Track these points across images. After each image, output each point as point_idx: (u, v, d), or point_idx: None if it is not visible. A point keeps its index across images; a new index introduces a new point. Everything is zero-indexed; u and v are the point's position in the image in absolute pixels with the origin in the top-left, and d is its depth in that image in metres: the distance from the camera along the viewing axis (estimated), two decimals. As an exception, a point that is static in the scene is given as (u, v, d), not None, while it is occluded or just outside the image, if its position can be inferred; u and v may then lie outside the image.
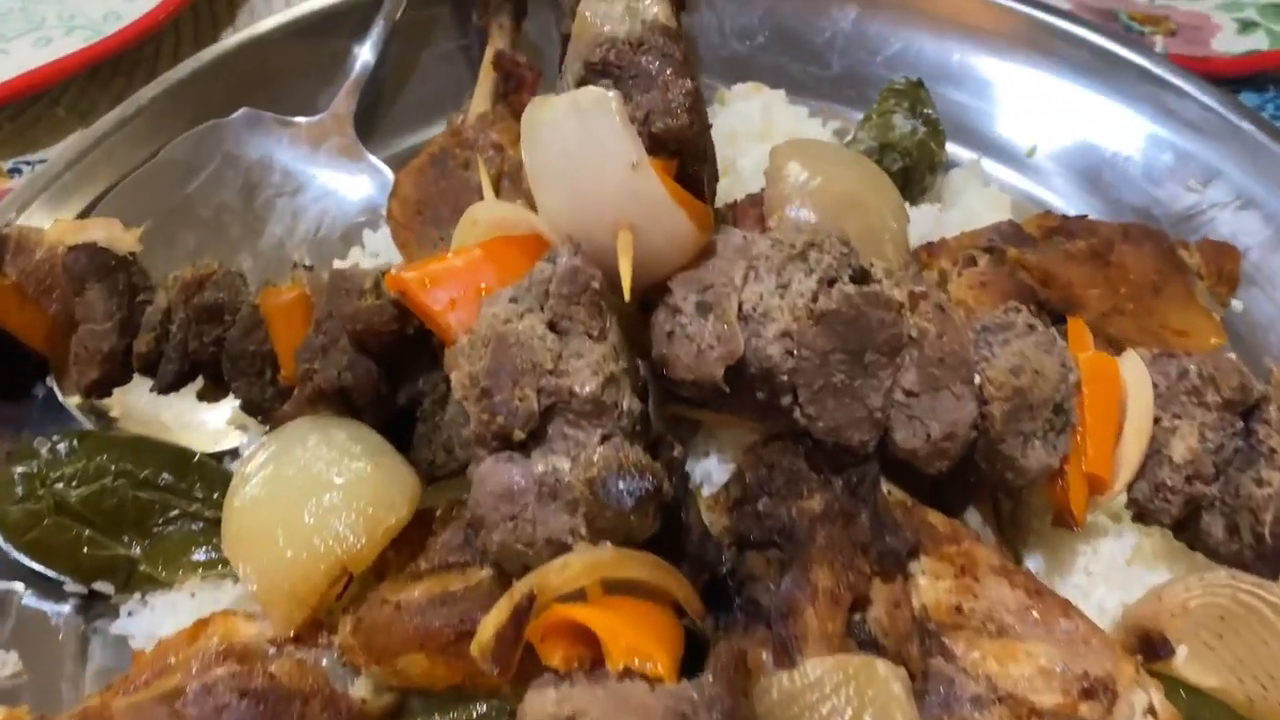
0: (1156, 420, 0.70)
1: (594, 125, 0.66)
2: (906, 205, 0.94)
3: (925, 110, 1.06)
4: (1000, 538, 0.77)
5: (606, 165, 0.66)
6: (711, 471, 0.79)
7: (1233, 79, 1.22)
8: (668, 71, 0.72)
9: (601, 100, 0.65)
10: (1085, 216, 0.92)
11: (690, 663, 0.61)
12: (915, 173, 0.98)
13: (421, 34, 1.12)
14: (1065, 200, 1.06)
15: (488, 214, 0.71)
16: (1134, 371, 0.71)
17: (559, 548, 0.62)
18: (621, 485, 0.61)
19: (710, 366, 0.69)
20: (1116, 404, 0.70)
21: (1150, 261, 0.86)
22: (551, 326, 0.66)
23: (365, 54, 1.07)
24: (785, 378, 0.70)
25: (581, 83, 0.73)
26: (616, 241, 0.67)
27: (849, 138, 1.04)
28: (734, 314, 0.70)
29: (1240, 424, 0.70)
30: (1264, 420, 0.69)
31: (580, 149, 0.66)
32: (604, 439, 0.64)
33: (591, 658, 0.60)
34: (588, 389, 0.63)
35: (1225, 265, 0.91)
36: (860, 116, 1.07)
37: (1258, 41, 1.24)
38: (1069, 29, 1.11)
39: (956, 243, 0.88)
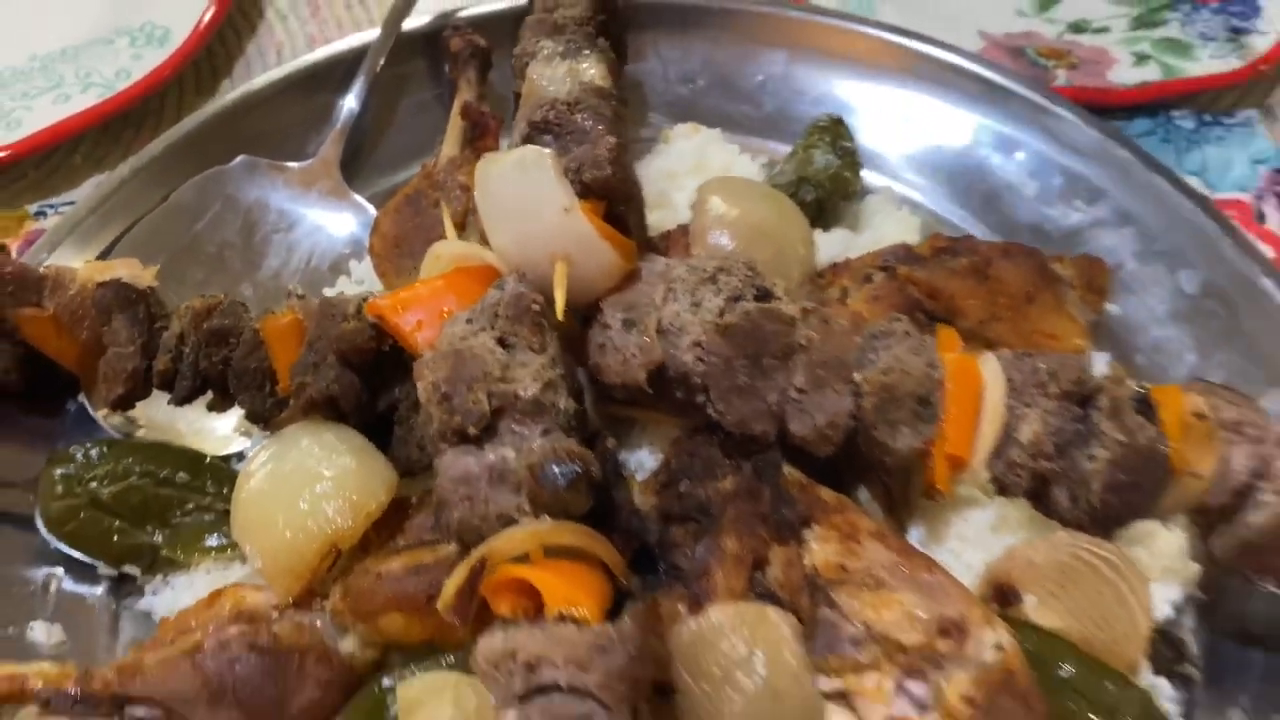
0: (1009, 409, 0.84)
1: (534, 177, 0.80)
2: (820, 231, 1.10)
3: (844, 144, 1.20)
4: (887, 512, 0.91)
5: (544, 209, 0.80)
6: (644, 461, 0.93)
7: (1128, 106, 1.37)
8: (599, 128, 0.86)
9: (540, 157, 0.80)
10: (971, 237, 1.06)
11: (616, 615, 0.75)
12: (829, 202, 1.12)
13: (399, 86, 1.26)
14: (967, 220, 1.20)
15: (448, 250, 0.85)
16: (991, 369, 0.85)
17: (507, 521, 0.76)
18: (557, 469, 0.75)
19: (634, 372, 0.84)
20: (975, 397, 0.84)
21: (1025, 275, 1.00)
22: (500, 342, 0.80)
23: (350, 104, 1.21)
24: (698, 380, 0.84)
25: (527, 138, 0.88)
26: (554, 271, 0.81)
27: (775, 170, 1.19)
28: (654, 328, 0.84)
29: (1078, 411, 0.84)
30: (1097, 408, 0.83)
31: (523, 196, 0.81)
32: (544, 433, 0.78)
33: (533, 608, 0.74)
34: (530, 392, 0.77)
35: (1095, 277, 1.05)
36: (788, 150, 1.22)
37: (1151, 73, 1.38)
38: (972, 68, 1.25)
39: (858, 263, 1.02)
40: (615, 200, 0.85)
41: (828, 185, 1.12)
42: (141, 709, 0.79)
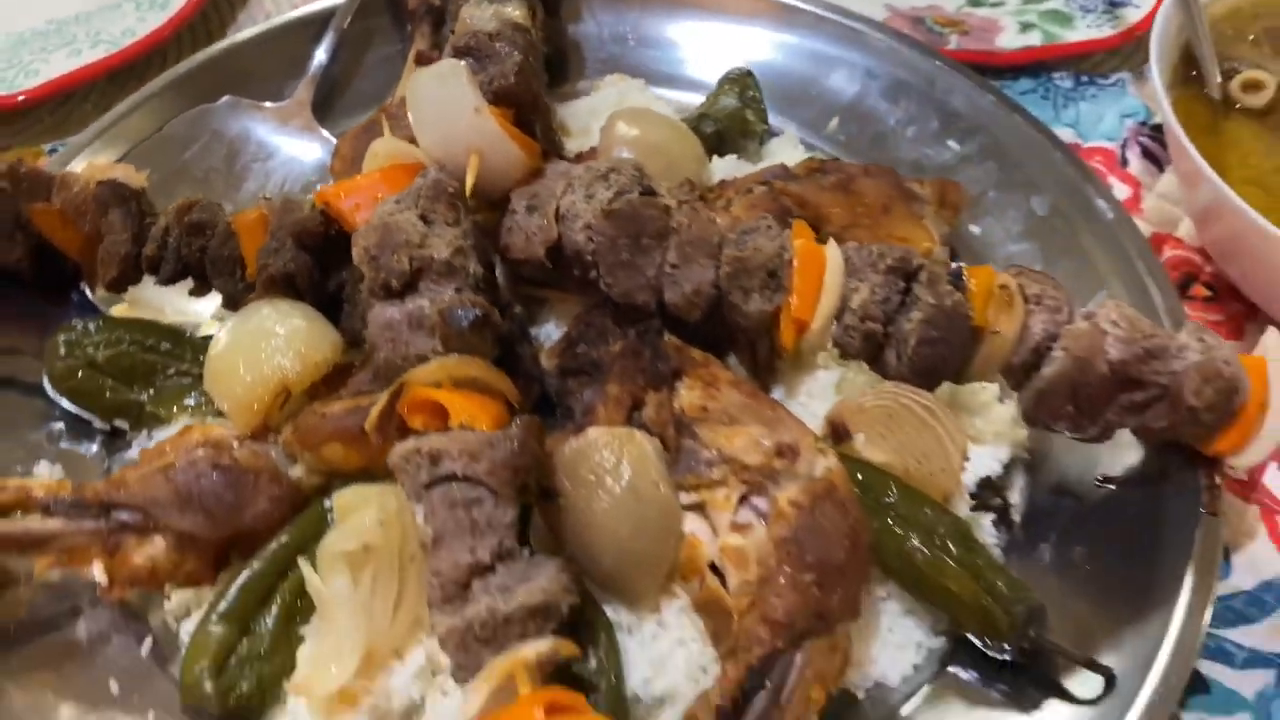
0: (846, 283, 1.01)
1: (450, 84, 0.98)
2: (717, 158, 1.28)
3: (750, 93, 1.38)
4: (752, 375, 1.08)
5: (459, 111, 0.98)
6: (551, 333, 1.11)
7: (1013, 68, 1.55)
8: (511, 52, 1.04)
9: (455, 67, 0.98)
10: (839, 160, 1.23)
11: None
12: (727, 135, 1.29)
13: (365, 40, 1.45)
14: (856, 158, 1.37)
15: (384, 148, 1.03)
16: (833, 252, 1.02)
17: (422, 359, 0.93)
18: (461, 313, 0.92)
19: (535, 249, 1.01)
20: (819, 273, 1.01)
21: (882, 189, 1.17)
22: (422, 218, 0.97)
23: (320, 55, 1.40)
24: (589, 257, 1.02)
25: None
26: (468, 163, 0.99)
27: (687, 113, 1.36)
28: (553, 213, 1.01)
29: (903, 284, 1.00)
30: (919, 281, 1.00)
31: (441, 100, 0.99)
32: (456, 290, 0.95)
33: (440, 424, 0.91)
34: (443, 255, 0.95)
35: (948, 195, 1.22)
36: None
37: (1033, 39, 1.55)
38: (868, 31, 1.43)
39: (743, 180, 1.19)
40: (522, 109, 1.03)
41: (725, 121, 1.30)
42: (125, 513, 0.96)
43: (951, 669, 0.97)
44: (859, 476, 0.97)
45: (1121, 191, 1.41)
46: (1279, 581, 1.07)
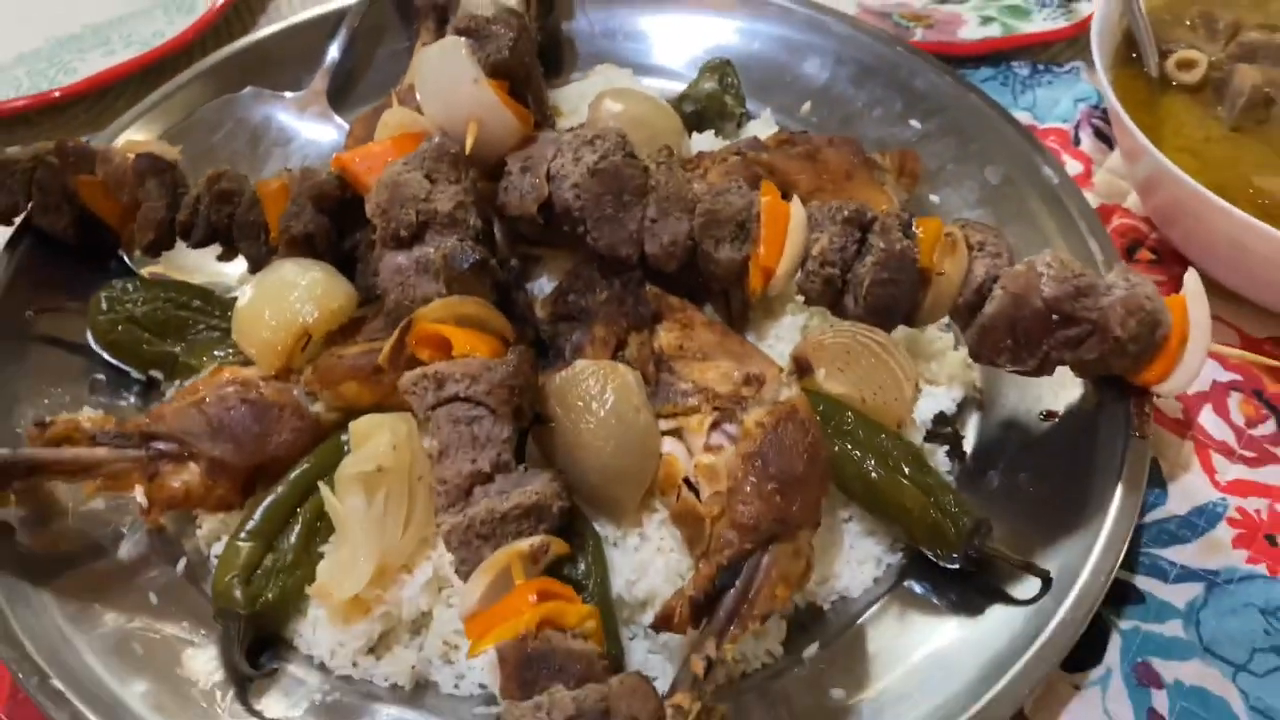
0: (808, 235, 1.12)
1: (450, 58, 1.10)
2: (696, 133, 1.40)
3: (729, 79, 1.50)
4: (727, 322, 1.19)
5: (459, 82, 1.10)
6: (544, 287, 1.22)
7: (974, 57, 1.67)
8: (503, 31, 1.16)
9: (455, 42, 1.10)
10: (807, 133, 1.35)
11: (509, 369, 1.03)
12: (706, 115, 1.42)
13: (376, 36, 1.58)
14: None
15: (394, 118, 1.15)
16: (796, 207, 1.13)
17: (428, 300, 1.04)
18: (462, 257, 1.03)
19: (528, 205, 1.13)
20: (783, 227, 1.12)
21: (845, 158, 1.29)
22: (427, 177, 1.09)
23: (335, 50, 1.53)
24: (577, 213, 1.13)
25: (453, 40, 1.18)
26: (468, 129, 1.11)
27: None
28: (544, 174, 1.13)
29: (859, 235, 1.11)
30: (873, 231, 1.11)
31: (442, 73, 1.11)
32: (458, 239, 1.07)
33: (444, 356, 1.02)
34: (446, 208, 1.06)
35: (907, 164, 1.33)
36: (686, 88, 1.52)
37: (993, 31, 1.67)
38: (837, 25, 1.55)
39: (719, 152, 1.30)
40: (516, 81, 1.15)
41: (704, 102, 1.42)
42: (162, 443, 1.07)
43: (907, 582, 1.08)
44: (820, 406, 1.08)
45: (1074, 168, 1.53)
46: (1209, 507, 1.17)
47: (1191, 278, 1.09)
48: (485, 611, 0.90)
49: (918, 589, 1.07)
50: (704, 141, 1.37)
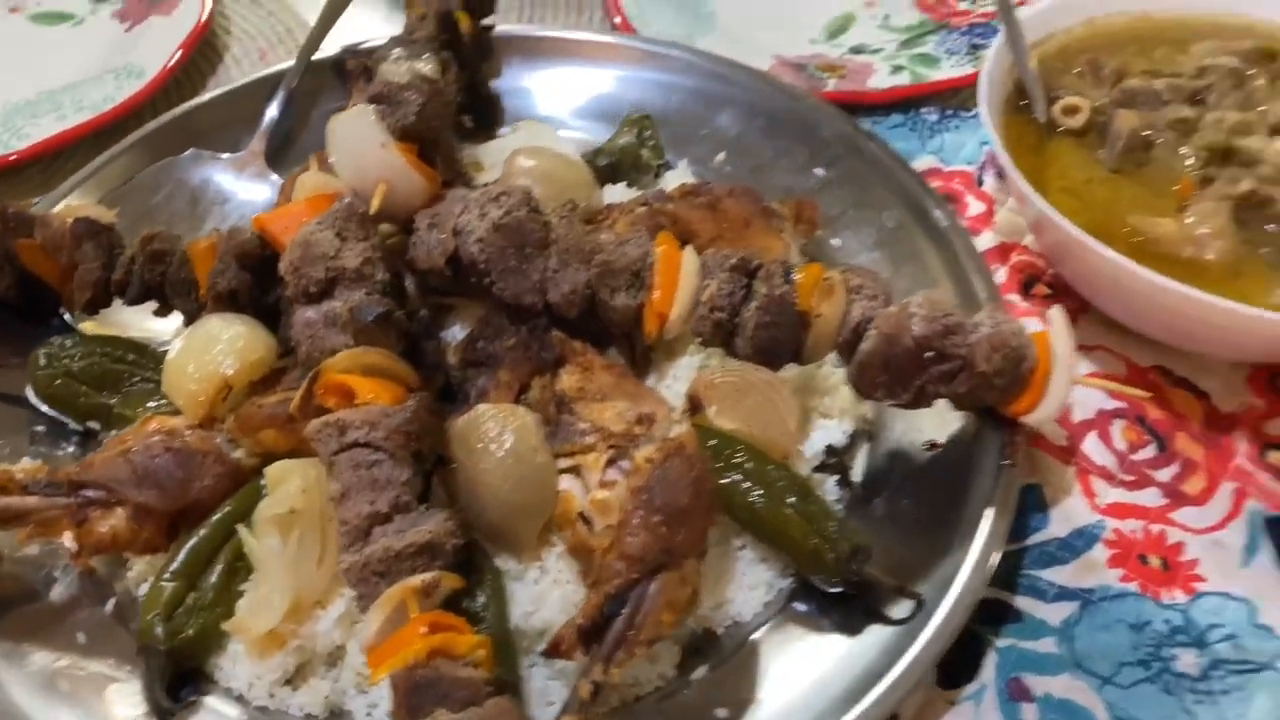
0: (699, 282, 1.20)
1: (360, 123, 1.19)
2: (610, 185, 1.48)
3: (646, 133, 1.58)
4: (629, 364, 1.27)
5: (367, 146, 1.18)
6: (457, 334, 1.29)
7: (883, 105, 1.75)
8: (413, 97, 1.24)
9: (364, 109, 1.19)
10: (710, 183, 1.43)
11: (414, 414, 1.10)
12: (620, 167, 1.50)
13: (311, 98, 1.66)
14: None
15: (310, 180, 1.23)
16: (689, 257, 1.20)
17: (336, 352, 1.12)
18: (367, 310, 1.11)
19: (436, 259, 1.20)
20: (677, 274, 1.20)
21: (744, 207, 1.36)
22: (338, 236, 1.17)
23: (272, 111, 1.62)
24: (483, 266, 1.20)
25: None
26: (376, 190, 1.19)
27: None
28: (450, 229, 1.20)
29: (745, 281, 1.19)
30: (757, 278, 1.19)
31: (353, 138, 1.19)
32: (365, 293, 1.14)
33: (350, 403, 1.09)
34: (354, 265, 1.14)
35: (804, 212, 1.41)
36: (605, 142, 1.60)
37: (903, 79, 1.76)
38: (750, 80, 1.64)
39: (628, 203, 1.38)
40: (425, 143, 1.23)
41: (618, 156, 1.50)
42: (91, 491, 1.14)
43: (795, 605, 1.14)
44: (712, 441, 1.15)
45: (977, 208, 1.61)
46: (1087, 529, 1.24)
47: (1055, 314, 1.16)
48: (382, 643, 0.97)
49: (803, 610, 1.13)
50: (617, 193, 1.45)
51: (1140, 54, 1.59)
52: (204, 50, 1.95)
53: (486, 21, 1.64)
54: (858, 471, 1.25)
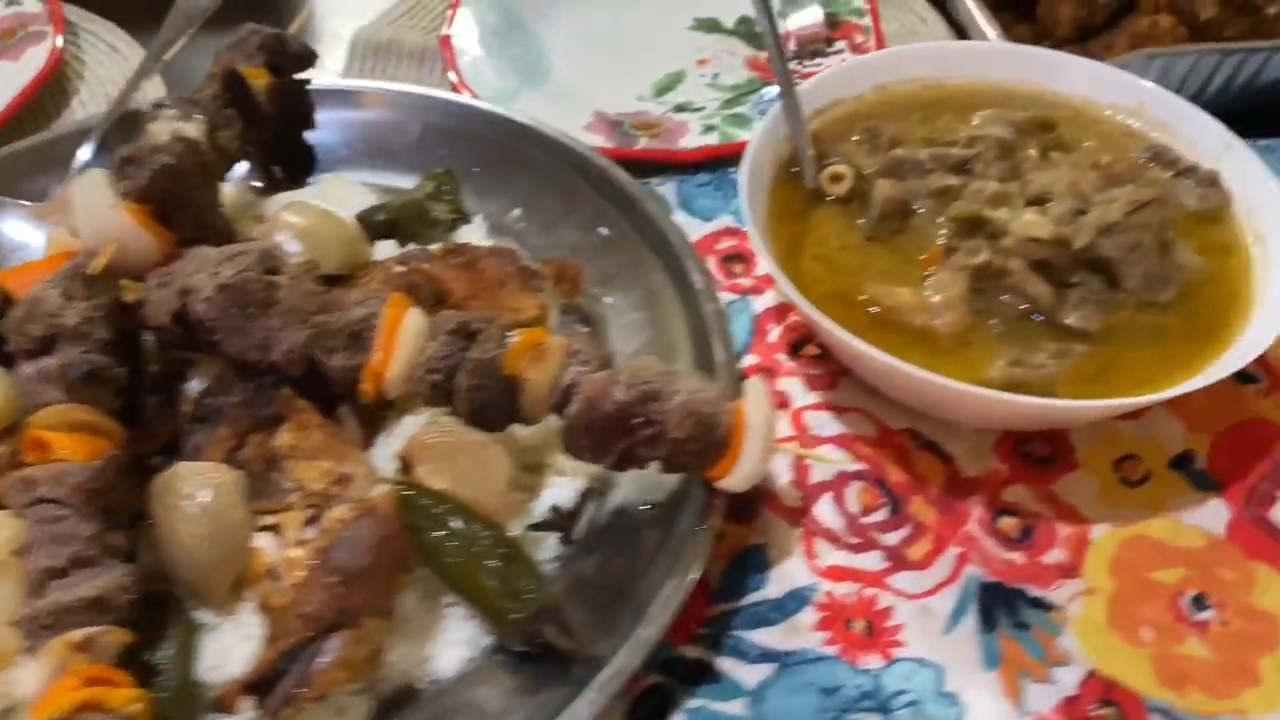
0: (420, 344, 1.23)
1: (91, 186, 1.23)
2: (382, 241, 1.52)
3: (444, 188, 1.63)
4: (361, 424, 1.30)
5: (97, 207, 1.23)
6: (194, 388, 1.33)
7: (692, 163, 1.80)
8: (158, 158, 1.29)
9: (95, 173, 1.24)
10: (469, 244, 1.47)
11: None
12: (400, 223, 1.54)
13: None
14: (532, 241, 1.61)
15: (56, 238, 1.27)
16: (411, 318, 1.24)
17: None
18: (76, 366, 1.15)
19: (162, 317, 1.24)
20: (398, 334, 1.24)
21: (501, 267, 1.41)
22: (64, 294, 1.21)
23: (82, 158, 1.66)
24: (210, 324, 1.24)
25: (115, 169, 1.31)
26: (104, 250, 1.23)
27: (379, 204, 1.61)
28: (178, 288, 1.25)
29: (464, 344, 1.23)
30: (476, 342, 1.22)
31: (87, 200, 1.23)
32: (84, 351, 1.18)
33: (46, 458, 1.13)
34: (73, 323, 1.18)
35: (566, 273, 1.45)
36: (419, 197, 1.64)
37: (712, 139, 1.81)
38: (549, 139, 1.69)
39: (389, 260, 1.42)
40: (161, 205, 1.27)
41: (399, 212, 1.54)
42: None
43: (495, 659, 1.17)
44: (424, 500, 1.18)
45: (766, 268, 1.65)
46: (800, 591, 1.27)
47: (751, 385, 1.20)
48: (41, 696, 1.00)
49: (499, 668, 1.16)
50: (388, 249, 1.49)
51: (924, 121, 1.64)
52: (53, 94, 2.00)
53: (302, 76, 1.69)
54: (581, 529, 1.28)
